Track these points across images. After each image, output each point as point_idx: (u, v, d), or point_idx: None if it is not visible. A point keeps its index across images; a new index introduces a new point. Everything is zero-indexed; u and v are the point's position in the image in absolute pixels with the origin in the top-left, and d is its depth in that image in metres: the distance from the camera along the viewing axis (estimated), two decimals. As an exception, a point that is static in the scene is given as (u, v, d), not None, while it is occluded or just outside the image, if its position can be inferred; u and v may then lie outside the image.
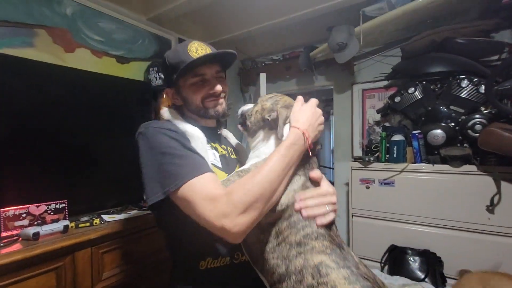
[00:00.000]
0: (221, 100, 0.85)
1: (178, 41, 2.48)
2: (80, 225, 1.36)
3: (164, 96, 2.05)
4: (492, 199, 1.63)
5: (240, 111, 0.86)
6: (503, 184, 1.61)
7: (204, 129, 0.80)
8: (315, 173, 0.71)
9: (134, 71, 2.07)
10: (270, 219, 0.67)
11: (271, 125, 0.75)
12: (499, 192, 1.62)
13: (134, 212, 1.63)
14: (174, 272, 0.80)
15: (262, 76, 2.37)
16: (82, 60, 1.77)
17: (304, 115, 0.72)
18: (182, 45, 0.80)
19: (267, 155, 0.68)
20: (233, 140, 1.02)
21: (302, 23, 2.30)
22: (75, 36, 1.75)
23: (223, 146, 0.91)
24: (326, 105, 5.18)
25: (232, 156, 0.93)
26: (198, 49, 0.79)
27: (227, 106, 0.88)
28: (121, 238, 1.38)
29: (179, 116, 0.82)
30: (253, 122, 0.80)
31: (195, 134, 0.74)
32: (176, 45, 0.85)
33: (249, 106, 0.84)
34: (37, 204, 1.34)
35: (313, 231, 0.64)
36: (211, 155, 0.79)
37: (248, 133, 0.82)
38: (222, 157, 0.85)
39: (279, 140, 0.72)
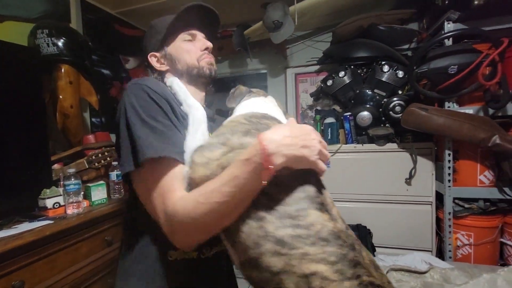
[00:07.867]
0: (213, 60, 0.86)
1: (80, 2, 1.96)
2: None
3: (63, 70, 1.58)
4: (410, 172, 1.83)
5: None
6: (418, 158, 1.83)
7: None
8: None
9: (10, 33, 1.51)
10: None
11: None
12: (415, 166, 1.83)
13: (23, 226, 1.19)
14: (128, 255, 0.75)
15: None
16: None
17: (286, 128, 0.57)
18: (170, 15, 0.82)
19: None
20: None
21: (234, -2, 2.12)
22: None
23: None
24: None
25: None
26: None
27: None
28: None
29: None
30: None
31: (197, 116, 0.72)
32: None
33: None
34: None
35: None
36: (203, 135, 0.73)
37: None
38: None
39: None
